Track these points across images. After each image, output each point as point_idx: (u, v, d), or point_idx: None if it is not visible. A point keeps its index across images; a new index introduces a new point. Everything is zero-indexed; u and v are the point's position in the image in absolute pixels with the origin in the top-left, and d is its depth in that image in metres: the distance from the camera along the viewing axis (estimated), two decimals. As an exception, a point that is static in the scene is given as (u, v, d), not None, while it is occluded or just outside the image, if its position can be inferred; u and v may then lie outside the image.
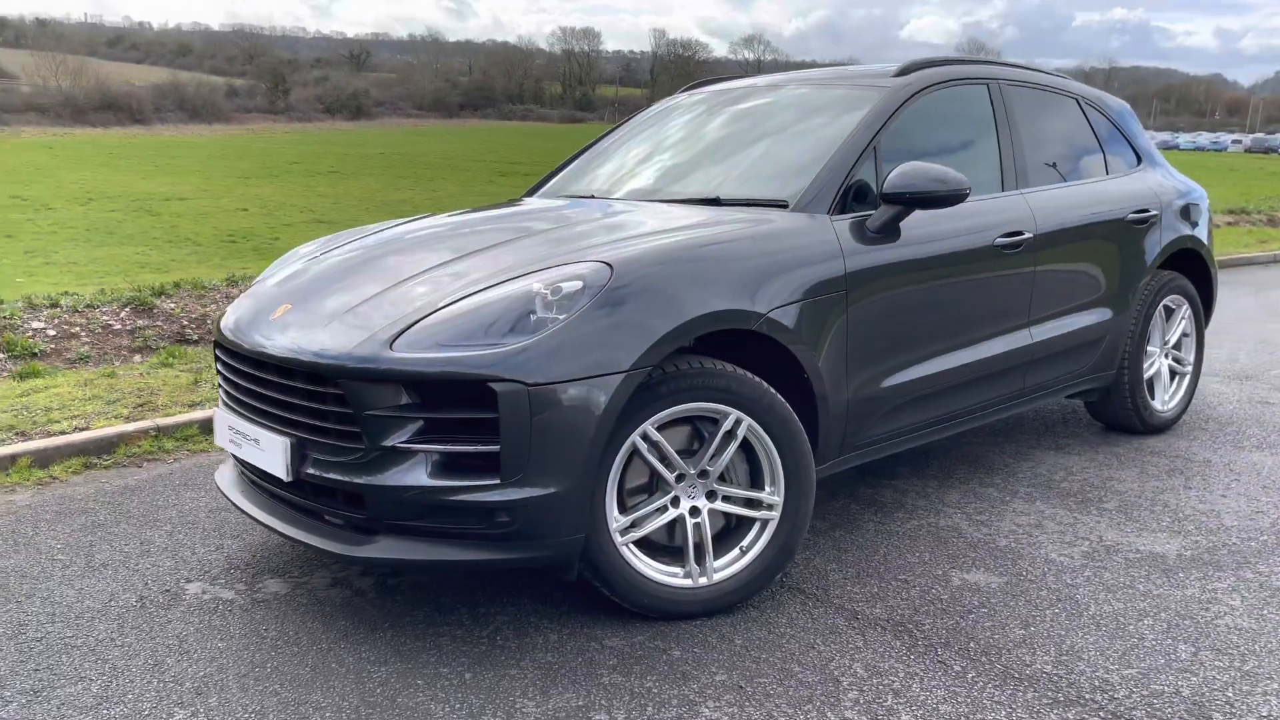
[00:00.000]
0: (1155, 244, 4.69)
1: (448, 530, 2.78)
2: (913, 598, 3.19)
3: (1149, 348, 4.80)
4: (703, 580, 3.05)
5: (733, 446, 3.03)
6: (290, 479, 2.93)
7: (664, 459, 2.96)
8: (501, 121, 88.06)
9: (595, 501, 2.87)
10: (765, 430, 3.05)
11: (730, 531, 3.15)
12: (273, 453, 2.96)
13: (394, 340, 2.79)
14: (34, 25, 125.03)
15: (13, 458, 4.37)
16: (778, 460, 3.09)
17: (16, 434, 4.65)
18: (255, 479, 3.28)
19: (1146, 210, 4.64)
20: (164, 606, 3.16)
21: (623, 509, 2.97)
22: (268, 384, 3.05)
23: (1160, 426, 4.90)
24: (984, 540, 3.64)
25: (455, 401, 2.72)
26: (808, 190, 3.48)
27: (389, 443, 2.73)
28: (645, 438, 2.91)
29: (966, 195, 3.52)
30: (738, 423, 3.02)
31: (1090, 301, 4.41)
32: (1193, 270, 5.05)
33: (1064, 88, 4.64)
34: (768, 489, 3.10)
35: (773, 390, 3.05)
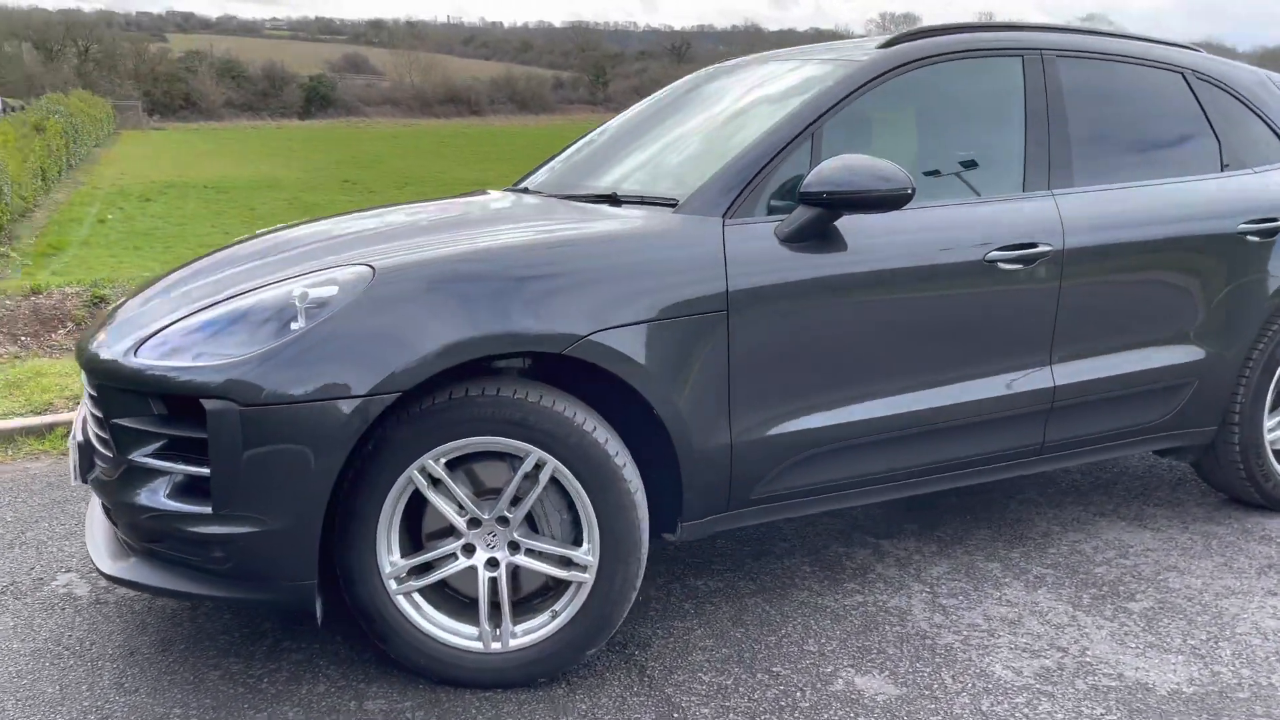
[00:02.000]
0: (1277, 266, 3.56)
1: (186, 558, 2.52)
2: (762, 701, 2.56)
3: (1271, 401, 3.66)
4: (496, 645, 2.60)
5: (535, 492, 2.55)
6: (76, 482, 2.79)
7: (457, 500, 2.54)
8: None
9: (361, 542, 2.51)
10: (575, 475, 2.54)
11: (548, 591, 2.67)
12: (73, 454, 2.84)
13: (141, 344, 2.56)
14: (405, 27, 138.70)
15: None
16: (591, 513, 2.56)
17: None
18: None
19: (1272, 220, 3.53)
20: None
21: (412, 552, 2.58)
22: None
23: (1296, 503, 3.76)
24: (923, 634, 2.88)
25: (194, 418, 2.45)
26: (703, 188, 2.89)
27: (134, 456, 2.51)
28: (426, 474, 2.50)
29: (907, 197, 2.78)
30: (540, 464, 2.53)
31: (1167, 336, 3.41)
32: None
33: (1162, 59, 3.60)
34: (584, 546, 2.59)
35: (585, 428, 2.53)
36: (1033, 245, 3.11)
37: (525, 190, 3.62)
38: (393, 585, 2.55)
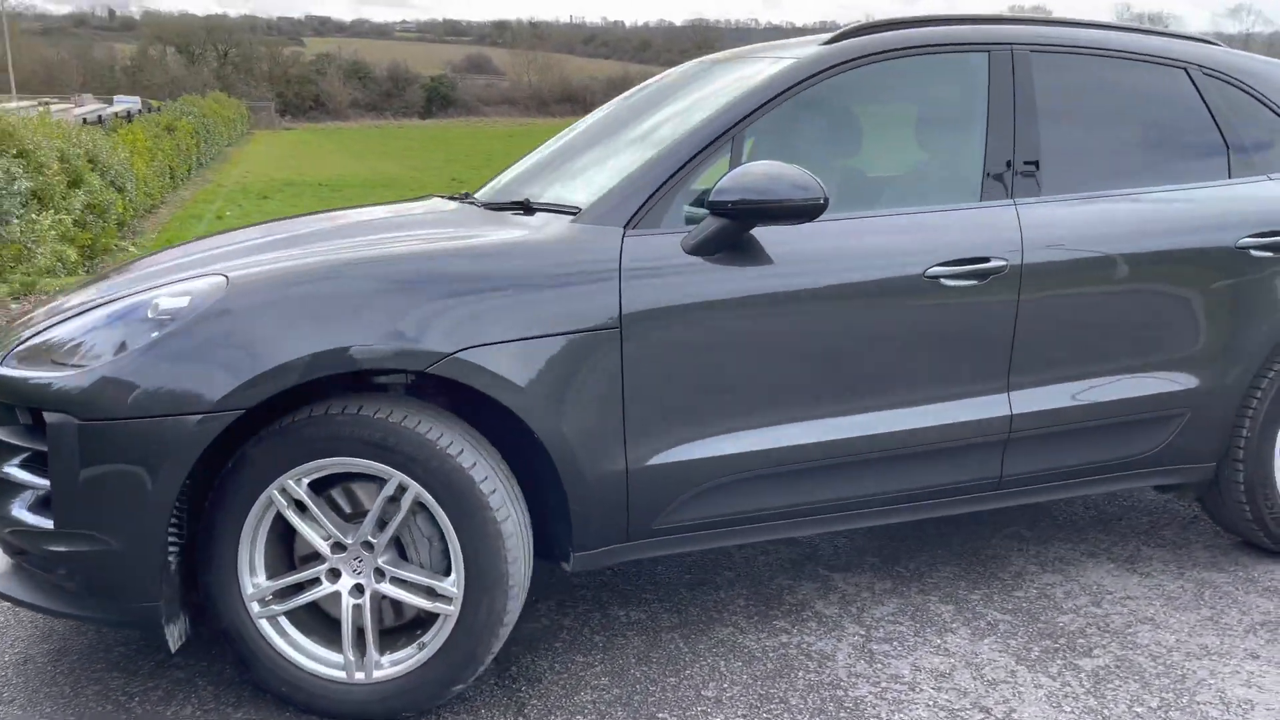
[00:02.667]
0: (1297, 284, 3.16)
1: (46, 574, 2.48)
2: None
3: None
4: (360, 676, 2.48)
5: (397, 518, 2.42)
6: None
7: (320, 522, 2.44)
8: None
9: (222, 562, 2.43)
10: (438, 502, 2.40)
11: (422, 622, 2.54)
12: None
13: (10, 351, 2.53)
14: (528, 27, 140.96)
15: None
16: (456, 542, 2.42)
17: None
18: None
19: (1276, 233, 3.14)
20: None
21: (285, 574, 2.49)
22: None
23: (1314, 550, 3.35)
24: (837, 684, 2.65)
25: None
26: (606, 196, 2.71)
27: (3, 468, 2.48)
28: (287, 494, 2.40)
29: (819, 208, 2.56)
30: (403, 488, 2.40)
31: (1152, 362, 3.07)
32: None
33: (1161, 53, 3.23)
34: (451, 576, 2.45)
35: (448, 452, 2.38)
36: (984, 260, 2.82)
37: (466, 194, 3.49)
38: (255, 608, 2.46)
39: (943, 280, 2.79)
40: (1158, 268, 3.04)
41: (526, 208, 2.94)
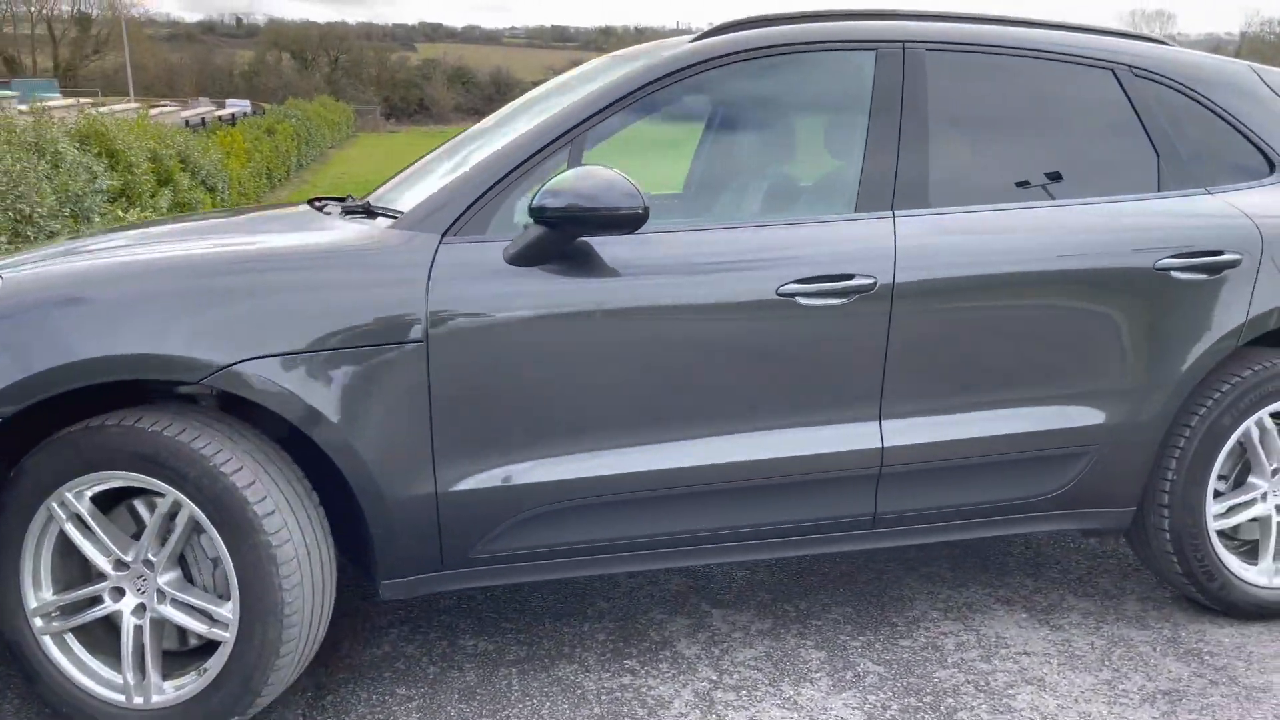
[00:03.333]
0: (1236, 309, 2.80)
1: None
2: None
3: (1217, 478, 2.90)
4: (139, 700, 2.37)
5: (174, 537, 2.31)
6: None
7: (99, 538, 2.34)
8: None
9: (4, 575, 2.35)
10: (211, 522, 2.27)
11: (211, 647, 2.41)
12: None
13: None
14: (633, 33, 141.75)
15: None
16: (230, 565, 2.29)
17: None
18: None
19: (1214, 254, 2.78)
20: None
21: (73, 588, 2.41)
22: None
23: (1259, 609, 2.97)
24: (656, 735, 2.43)
25: None
26: (428, 200, 2.55)
27: None
28: (66, 507, 2.31)
29: (638, 218, 2.36)
30: (179, 506, 2.28)
31: (1051, 393, 2.76)
32: None
33: (1085, 52, 2.90)
34: (230, 601, 2.32)
35: (221, 470, 2.25)
36: (848, 277, 2.57)
37: (348, 197, 3.36)
38: (38, 623, 2.37)
39: (798, 299, 2.54)
40: (1060, 289, 2.73)
41: (369, 211, 2.80)
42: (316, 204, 3.06)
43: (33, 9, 72.42)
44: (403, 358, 2.37)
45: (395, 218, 2.57)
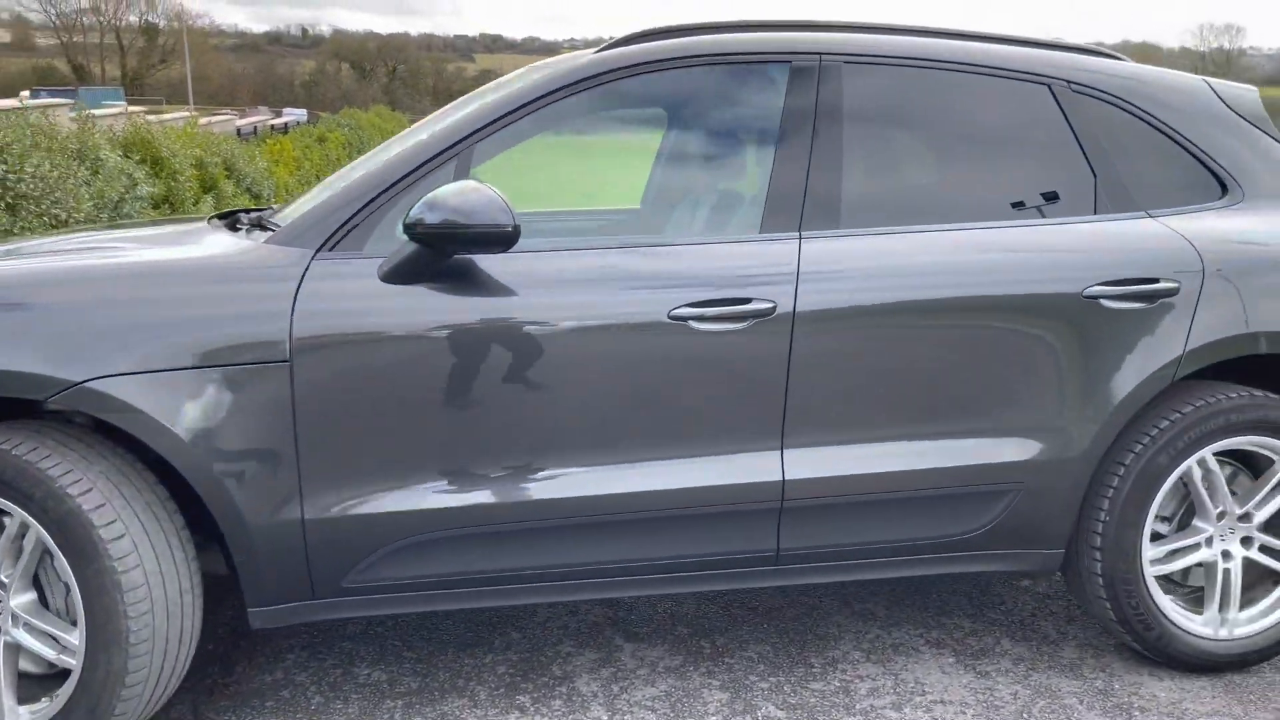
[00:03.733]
0: (1173, 340, 2.61)
1: None
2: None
3: (1158, 519, 2.72)
4: (-7, 725, 2.31)
5: (22, 559, 2.25)
6: None
7: None
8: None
9: None
10: (56, 545, 2.20)
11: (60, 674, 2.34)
12: None
13: None
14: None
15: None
16: (77, 590, 2.22)
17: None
18: None
19: (1148, 281, 2.60)
20: None
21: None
22: None
23: (1202, 662, 2.77)
24: (523, 779, 2.31)
25: None
26: (304, 215, 2.47)
27: None
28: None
29: (507, 235, 2.25)
30: (26, 527, 2.22)
31: (976, 427, 2.59)
32: None
33: (1020, 66, 2.73)
34: (78, 628, 2.25)
35: (66, 491, 2.18)
36: (744, 301, 2.44)
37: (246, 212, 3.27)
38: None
39: (691, 323, 2.42)
40: (979, 317, 2.57)
41: (262, 225, 2.73)
42: (224, 217, 2.99)
43: (102, 19, 74.43)
44: (265, 377, 2.28)
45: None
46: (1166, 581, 2.80)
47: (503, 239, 2.26)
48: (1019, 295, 2.57)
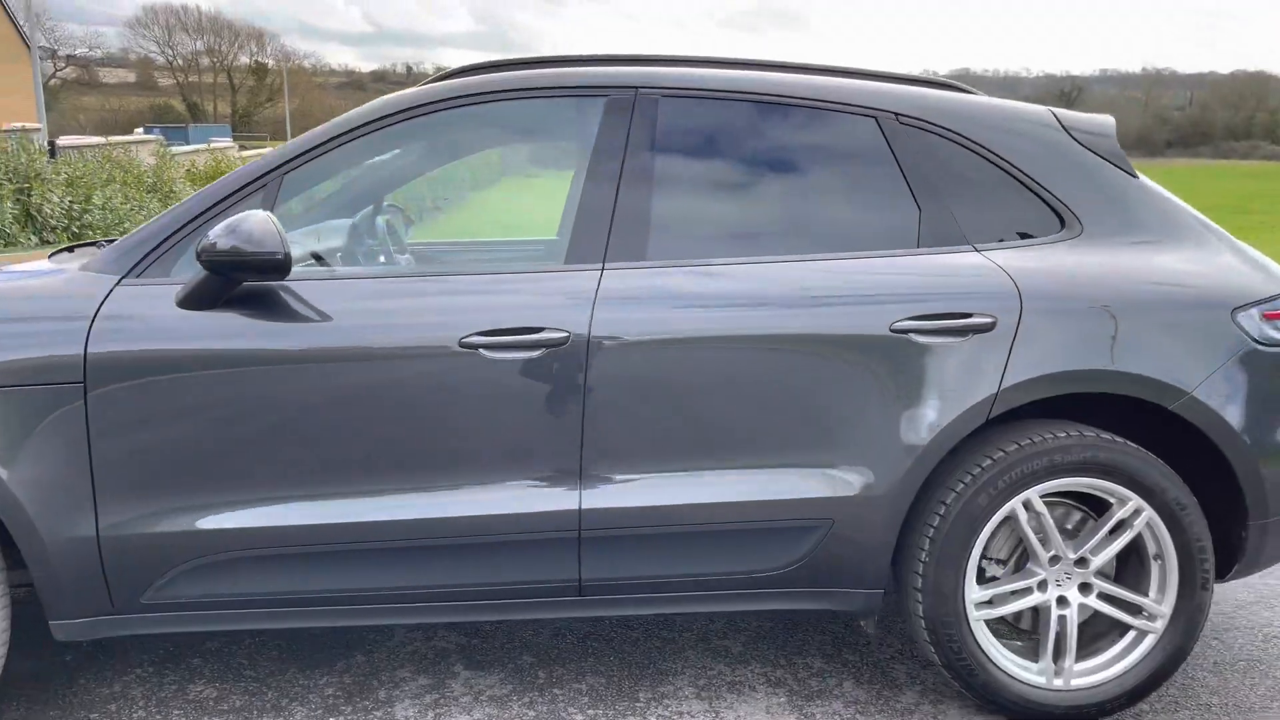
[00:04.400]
0: (987, 377, 2.52)
1: None
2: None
3: (990, 561, 2.63)
4: None
5: None
6: None
7: None
8: (1215, 160, 77.17)
9: None
10: None
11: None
12: None
13: None
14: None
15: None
16: (-123, 597, 2.34)
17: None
18: None
19: (960, 316, 2.53)
20: None
21: None
22: None
23: (1036, 712, 2.65)
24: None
25: None
26: (122, 242, 2.58)
27: None
28: None
29: (279, 264, 2.32)
30: None
31: (773, 460, 2.55)
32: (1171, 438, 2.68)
33: (846, 98, 2.70)
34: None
35: None
36: (535, 330, 2.46)
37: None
38: None
39: (482, 351, 2.44)
40: (785, 350, 2.53)
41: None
42: (80, 245, 3.14)
43: (216, 60, 78.11)
44: (60, 397, 2.38)
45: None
46: (1002, 626, 2.70)
47: (275, 266, 2.33)
48: (825, 330, 2.53)
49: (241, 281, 2.41)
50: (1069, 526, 2.69)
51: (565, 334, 2.46)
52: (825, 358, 2.53)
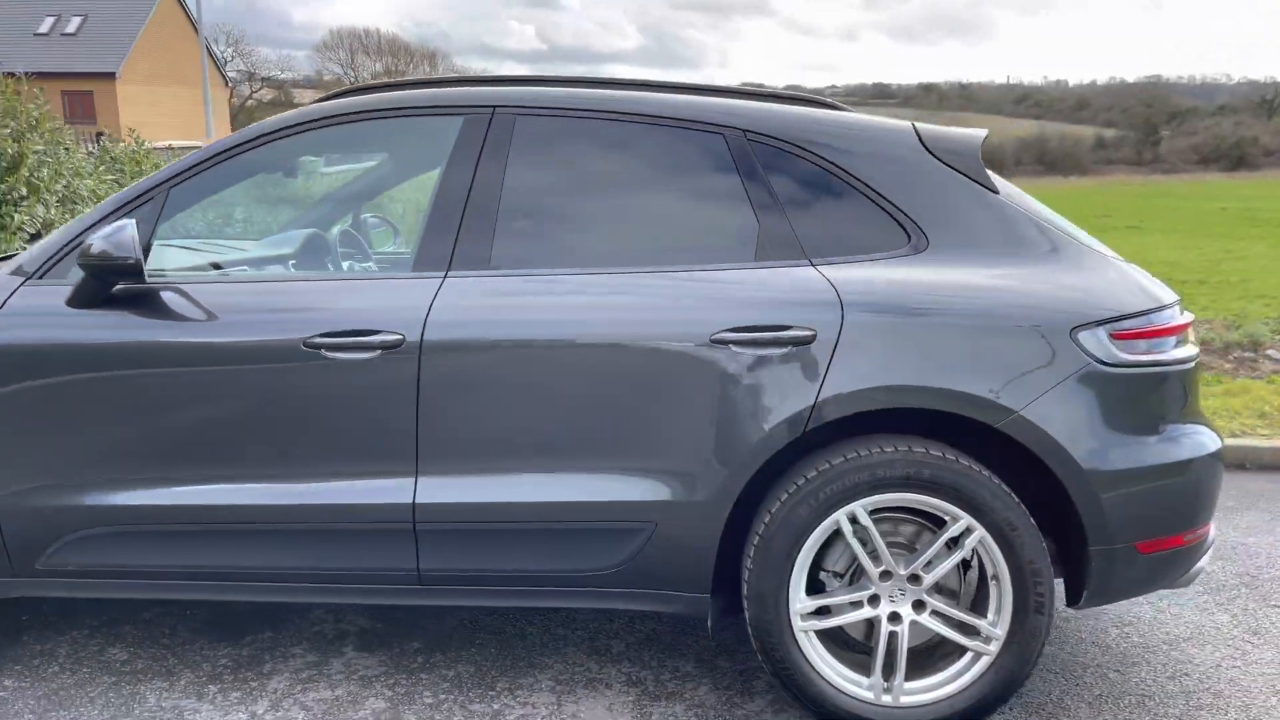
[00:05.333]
0: (804, 390, 2.54)
1: None
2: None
3: (822, 573, 2.63)
4: None
5: None
6: None
7: None
8: None
9: None
10: None
11: None
12: None
13: None
14: (956, 88, 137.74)
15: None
16: None
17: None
18: None
19: (778, 329, 2.55)
20: None
21: None
22: None
23: (868, 728, 2.64)
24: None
25: None
26: (35, 248, 2.89)
27: None
28: None
29: (133, 269, 2.59)
30: None
31: (604, 465, 2.63)
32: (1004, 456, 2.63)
33: (696, 115, 2.75)
34: None
35: None
36: (372, 333, 2.63)
37: None
38: None
39: (324, 351, 2.64)
40: (609, 358, 2.62)
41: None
42: None
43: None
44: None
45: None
46: (833, 639, 2.69)
47: (130, 270, 2.59)
48: (647, 337, 2.60)
49: (114, 284, 2.68)
50: (916, 544, 2.66)
51: (399, 337, 2.62)
52: (650, 366, 2.60)
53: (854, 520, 2.58)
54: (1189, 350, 2.68)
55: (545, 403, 2.64)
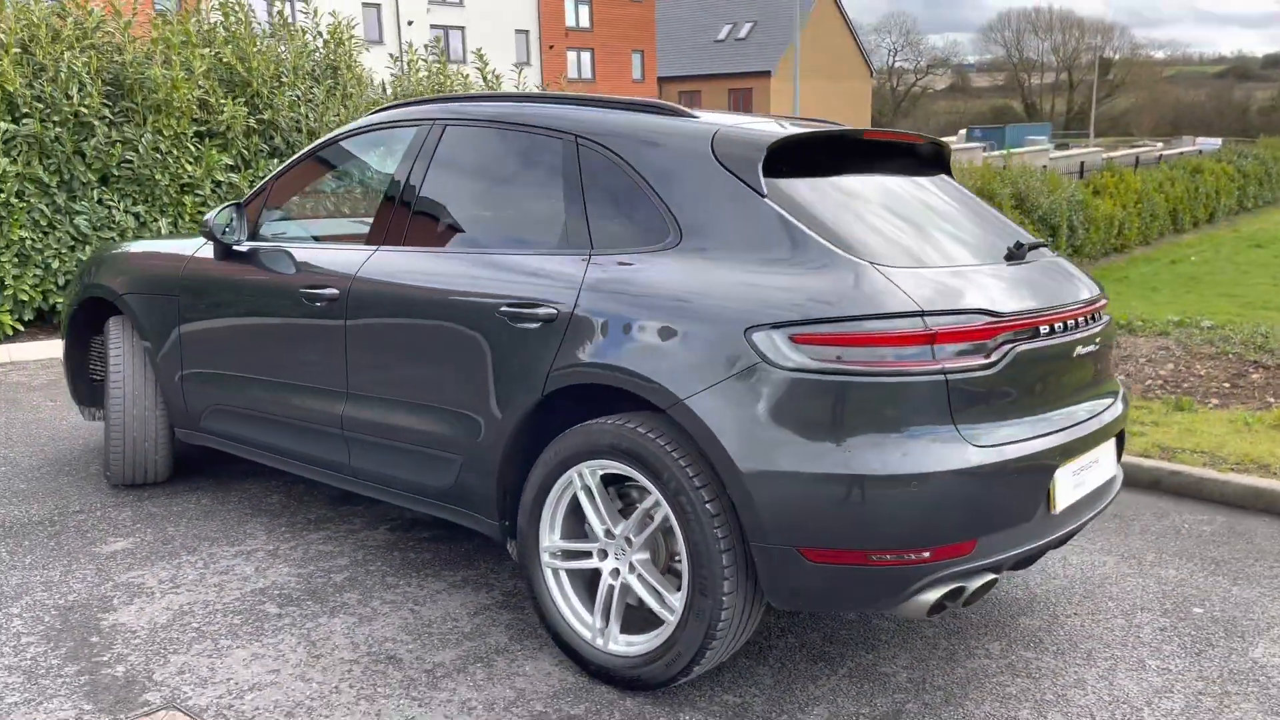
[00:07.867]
0: (545, 359, 2.93)
1: None
2: None
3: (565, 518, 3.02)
4: None
5: None
6: None
7: None
8: None
9: None
10: None
11: None
12: None
13: None
14: None
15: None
16: None
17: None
18: None
19: (533, 305, 2.97)
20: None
21: None
22: None
23: (581, 660, 2.98)
24: None
25: None
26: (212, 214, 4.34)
27: None
28: None
29: (215, 238, 3.88)
30: None
31: (431, 400, 3.33)
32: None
33: (551, 122, 3.22)
34: None
35: None
36: (324, 286, 3.62)
37: None
38: None
39: (303, 300, 3.69)
40: (442, 319, 3.26)
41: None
42: None
43: (1059, 58, 78.86)
44: None
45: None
46: (587, 583, 3.05)
47: (214, 238, 3.88)
48: (463, 306, 3.20)
49: (225, 246, 4.01)
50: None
51: (336, 291, 3.57)
52: (464, 328, 3.19)
53: (582, 478, 2.94)
54: (924, 365, 2.53)
55: (410, 349, 3.39)
